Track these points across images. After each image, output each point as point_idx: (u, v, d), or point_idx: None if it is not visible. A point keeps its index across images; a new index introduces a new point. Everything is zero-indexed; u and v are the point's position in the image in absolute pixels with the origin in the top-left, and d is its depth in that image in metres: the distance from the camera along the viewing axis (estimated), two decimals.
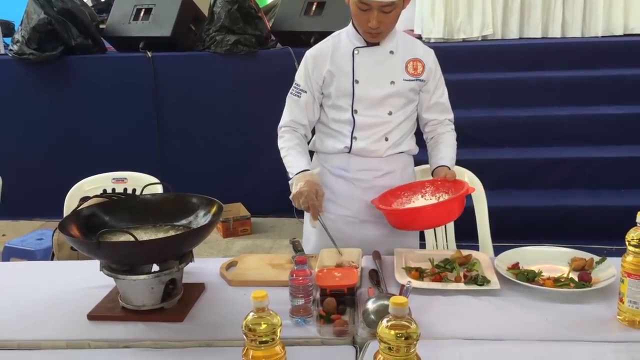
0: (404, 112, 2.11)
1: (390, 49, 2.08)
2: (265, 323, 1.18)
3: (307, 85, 2.10)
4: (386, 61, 2.08)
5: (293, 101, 2.13)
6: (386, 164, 2.13)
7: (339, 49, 2.09)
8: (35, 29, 4.48)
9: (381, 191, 2.10)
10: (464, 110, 4.34)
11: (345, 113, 2.09)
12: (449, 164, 2.10)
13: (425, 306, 1.62)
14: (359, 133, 2.09)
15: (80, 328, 1.61)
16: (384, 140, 2.10)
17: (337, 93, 2.08)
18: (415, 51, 2.12)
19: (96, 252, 1.58)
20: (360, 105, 2.07)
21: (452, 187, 2.02)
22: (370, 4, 1.92)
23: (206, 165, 4.64)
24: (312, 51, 2.13)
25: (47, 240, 3.58)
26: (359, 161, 2.11)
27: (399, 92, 2.08)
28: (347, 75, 2.06)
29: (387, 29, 2.01)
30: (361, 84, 2.06)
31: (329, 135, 2.15)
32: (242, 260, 2.00)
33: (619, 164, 4.02)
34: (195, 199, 1.83)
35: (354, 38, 2.08)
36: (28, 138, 4.73)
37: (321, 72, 2.08)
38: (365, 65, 2.06)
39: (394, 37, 2.09)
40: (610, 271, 1.73)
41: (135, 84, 4.57)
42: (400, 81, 2.07)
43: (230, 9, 4.48)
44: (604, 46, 4.76)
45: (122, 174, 2.65)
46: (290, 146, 2.10)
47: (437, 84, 2.15)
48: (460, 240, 2.48)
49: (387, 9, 1.93)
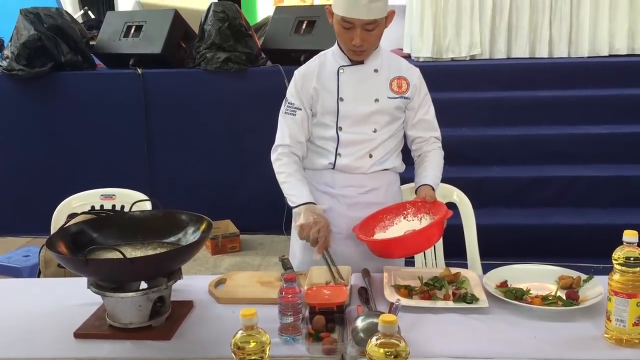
0: (389, 129, 2.13)
1: (375, 67, 2.11)
2: (254, 341, 1.18)
3: (300, 103, 2.12)
4: (370, 79, 2.11)
5: (290, 119, 2.13)
6: (370, 180, 2.15)
7: (325, 67, 2.12)
8: (25, 45, 4.48)
9: (366, 207, 2.11)
10: (453, 128, 4.38)
11: (330, 130, 2.11)
12: (432, 182, 2.12)
13: (414, 324, 1.62)
14: (343, 150, 2.11)
15: (66, 346, 1.60)
16: (368, 157, 2.12)
17: (322, 110, 2.11)
18: (400, 69, 2.15)
19: (84, 270, 1.57)
20: (345, 122, 2.09)
21: (432, 208, 2.03)
22: (353, 22, 1.95)
23: (195, 182, 4.63)
24: (301, 70, 2.17)
25: (33, 257, 3.55)
26: (343, 177, 2.13)
27: (383, 109, 2.10)
28: (331, 93, 2.09)
29: (371, 46, 2.05)
30: (346, 101, 2.09)
31: (315, 152, 2.17)
32: (231, 277, 1.99)
33: (606, 182, 4.05)
34: (184, 216, 1.82)
35: (338, 57, 2.11)
36: (16, 154, 4.70)
37: (308, 90, 2.11)
38: (350, 84, 2.09)
39: (379, 56, 2.12)
40: (598, 289, 1.74)
41: (125, 100, 4.57)
42: (384, 99, 2.10)
43: (221, 26, 4.50)
44: (590, 66, 4.83)
45: (110, 190, 2.64)
46: (290, 172, 2.10)
47: (421, 102, 2.17)
48: (449, 258, 2.49)
49: (370, 26, 1.97)
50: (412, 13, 5.16)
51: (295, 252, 2.22)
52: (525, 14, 5.05)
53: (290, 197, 2.07)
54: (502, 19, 5.08)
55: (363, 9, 1.93)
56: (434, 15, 5.02)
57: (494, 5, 5.06)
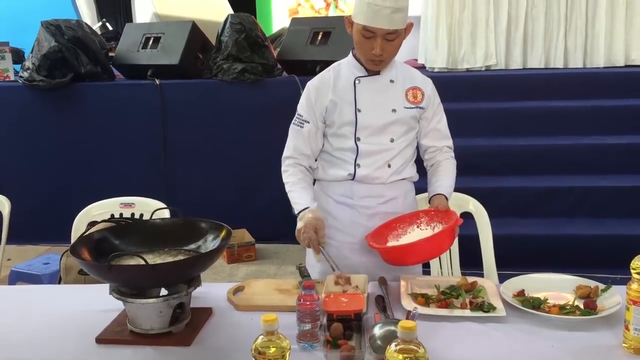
0: (406, 139, 2.15)
1: (391, 78, 2.13)
2: (274, 346, 1.20)
3: (309, 116, 2.13)
4: (387, 90, 2.12)
5: (296, 132, 2.16)
6: (389, 190, 2.16)
7: (340, 78, 2.14)
8: (45, 56, 4.56)
9: (385, 217, 2.12)
10: (468, 139, 4.39)
11: (348, 141, 2.12)
12: (445, 192, 2.13)
13: (431, 332, 1.62)
14: (362, 160, 2.12)
15: (88, 351, 1.62)
16: (387, 166, 2.13)
17: (340, 122, 2.12)
18: (414, 80, 2.17)
19: (107, 276, 1.60)
20: (363, 133, 2.11)
21: (444, 217, 2.04)
22: (375, 31, 1.97)
23: (211, 191, 4.67)
24: (314, 82, 2.17)
25: (53, 264, 3.59)
26: (362, 188, 2.14)
27: (400, 119, 2.12)
28: (349, 104, 2.10)
29: (390, 56, 2.07)
30: (363, 112, 2.10)
31: (332, 164, 2.17)
32: (249, 285, 2.01)
33: (623, 192, 4.04)
34: (204, 224, 1.85)
35: (354, 68, 2.13)
36: (36, 163, 4.78)
37: (324, 102, 2.12)
38: (367, 94, 2.11)
39: (393, 67, 2.15)
40: (616, 299, 1.74)
41: (143, 111, 4.63)
42: (401, 109, 2.11)
43: (238, 37, 4.56)
44: (606, 77, 4.82)
45: (129, 199, 2.68)
46: (294, 181, 2.12)
47: (435, 111, 2.19)
48: (465, 267, 2.49)
49: (391, 36, 1.99)
50: (427, 24, 5.19)
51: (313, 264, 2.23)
52: (540, 25, 5.06)
53: (294, 206, 2.09)
54: (517, 30, 5.10)
55: (386, 19, 1.94)
56: (449, 26, 5.04)
57: (509, 16, 5.07)
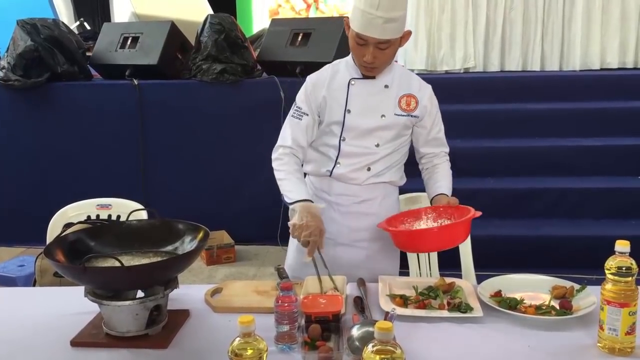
0: (392, 145, 2.15)
1: (386, 83, 2.12)
2: (251, 348, 1.19)
3: (308, 108, 2.13)
4: (379, 94, 2.12)
5: (294, 123, 2.14)
6: (365, 191, 2.16)
7: (337, 77, 2.14)
8: (21, 55, 4.50)
9: (360, 217, 2.15)
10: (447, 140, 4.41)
11: (334, 139, 2.13)
12: (447, 192, 2.14)
13: (409, 333, 1.63)
14: (343, 160, 2.13)
15: (63, 355, 1.60)
16: (366, 170, 2.14)
17: (329, 120, 2.12)
18: (410, 87, 2.15)
19: (82, 278, 1.58)
20: (349, 134, 2.11)
21: (455, 212, 2.05)
22: (367, 39, 1.97)
23: (190, 192, 4.64)
24: (313, 77, 2.18)
25: (28, 266, 3.54)
26: (339, 186, 2.16)
27: (388, 125, 2.11)
28: (339, 104, 2.11)
29: (383, 64, 2.06)
30: (352, 114, 2.10)
31: (316, 159, 2.19)
32: (227, 286, 2.00)
33: (598, 194, 4.09)
34: (181, 225, 1.83)
35: (351, 69, 2.13)
36: (11, 164, 4.70)
37: (318, 98, 2.13)
38: (359, 97, 2.11)
39: (391, 72, 2.13)
40: (591, 299, 1.76)
41: (121, 111, 4.58)
42: (391, 115, 2.11)
43: (217, 38, 4.53)
44: (582, 80, 4.89)
45: (106, 200, 2.65)
46: (290, 171, 2.10)
47: (434, 121, 2.20)
48: (443, 268, 2.50)
49: (383, 45, 1.98)
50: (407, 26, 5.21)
51: (290, 262, 2.24)
52: (518, 28, 5.12)
53: (287, 194, 2.05)
54: (495, 33, 5.15)
55: (378, 29, 1.94)
56: (429, 28, 5.08)
57: (488, 19, 5.13)
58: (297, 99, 2.17)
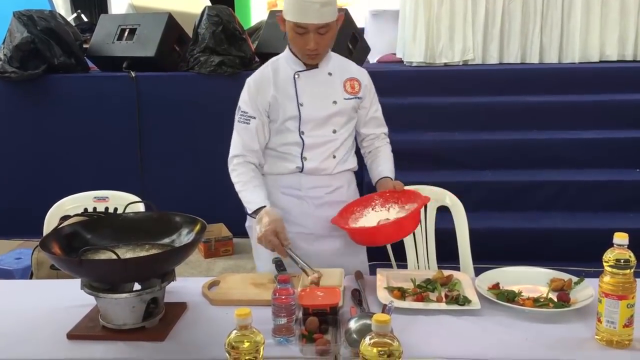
0: (347, 129, 2.20)
1: (329, 71, 2.17)
2: (248, 341, 1.19)
3: (254, 111, 2.14)
4: (326, 82, 2.16)
5: (242, 128, 2.16)
6: (335, 180, 2.21)
7: (279, 74, 2.15)
8: (18, 47, 4.47)
9: (333, 206, 2.17)
10: (445, 133, 4.41)
11: (293, 135, 2.14)
12: (390, 175, 2.20)
13: (407, 326, 1.63)
14: (308, 153, 2.15)
15: (60, 347, 1.59)
16: (332, 157, 2.17)
17: (284, 117, 2.13)
18: (351, 71, 2.22)
19: (78, 270, 1.57)
20: (307, 126, 2.13)
21: (401, 196, 2.10)
22: (307, 27, 2.00)
23: (188, 185, 4.63)
24: (254, 77, 2.19)
25: (25, 259, 3.53)
26: (310, 179, 2.17)
27: (341, 110, 2.16)
28: (291, 99, 2.12)
29: (325, 49, 2.10)
30: (306, 106, 2.12)
31: (279, 158, 2.19)
32: (225, 279, 2.00)
33: (597, 187, 4.09)
34: (178, 218, 1.83)
35: (292, 63, 2.15)
36: (8, 156, 4.68)
37: (266, 98, 2.13)
38: (308, 88, 2.14)
39: (330, 60, 2.18)
40: (588, 291, 1.76)
41: (119, 103, 4.56)
42: (341, 100, 2.16)
43: (215, 30, 4.51)
44: (581, 72, 4.87)
45: (103, 192, 2.64)
46: (245, 181, 2.13)
47: (372, 100, 2.26)
48: (442, 261, 2.50)
49: (323, 30, 2.01)
50: (405, 18, 5.19)
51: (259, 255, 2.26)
52: (517, 20, 5.10)
53: (247, 205, 2.10)
54: (494, 25, 5.13)
55: (315, 14, 1.97)
56: (428, 21, 5.05)
57: (487, 12, 5.10)
58: (241, 102, 2.18)
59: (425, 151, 4.23)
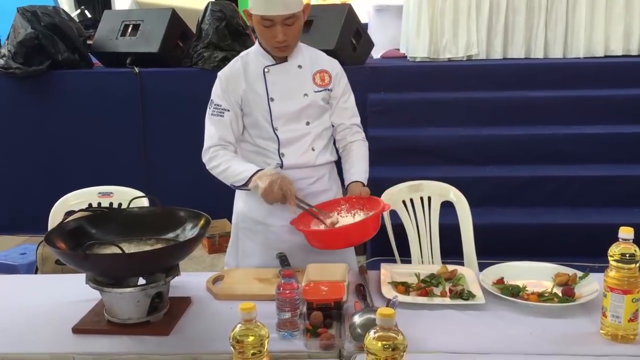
0: (321, 121, 2.17)
1: (298, 64, 2.14)
2: (252, 335, 1.19)
3: (228, 104, 2.13)
4: (296, 75, 2.14)
5: (217, 121, 2.15)
6: (316, 171, 2.18)
7: (249, 68, 2.14)
8: (22, 43, 4.48)
9: (317, 196, 2.15)
10: (449, 128, 4.40)
11: (267, 130, 2.12)
12: (360, 178, 2.15)
13: (411, 320, 1.63)
14: (286, 149, 2.12)
15: (65, 342, 1.60)
16: (311, 150, 2.15)
17: (256, 112, 2.12)
18: (321, 63, 2.19)
19: (83, 265, 1.58)
20: (279, 121, 2.11)
21: (366, 203, 2.06)
22: (273, 19, 1.99)
23: (192, 181, 4.60)
24: (225, 71, 2.17)
25: (30, 254, 3.54)
26: (291, 173, 2.11)
27: (312, 103, 2.14)
28: (261, 95, 2.11)
29: (293, 41, 2.08)
30: (276, 101, 2.11)
31: (257, 153, 2.16)
32: (229, 274, 2.00)
33: (601, 182, 4.07)
34: (182, 212, 1.83)
35: (262, 57, 2.13)
36: (12, 152, 4.70)
37: (238, 92, 2.12)
38: (278, 82, 2.12)
39: (300, 52, 2.16)
40: (593, 286, 1.76)
41: (122, 99, 4.57)
42: (311, 93, 2.14)
43: (218, 25, 4.51)
44: (585, 67, 4.85)
45: (108, 188, 2.65)
46: (229, 159, 2.10)
47: (343, 90, 2.21)
48: (446, 257, 2.50)
49: (289, 21, 2.00)
50: (409, 13, 5.18)
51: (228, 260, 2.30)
52: (521, 15, 5.08)
53: (238, 177, 2.04)
54: (498, 20, 5.11)
55: (279, 5, 1.97)
56: (431, 16, 5.03)
57: (491, 6, 5.08)
58: (214, 96, 2.17)
59: (429, 146, 4.22)
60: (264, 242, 2.17)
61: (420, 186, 2.55)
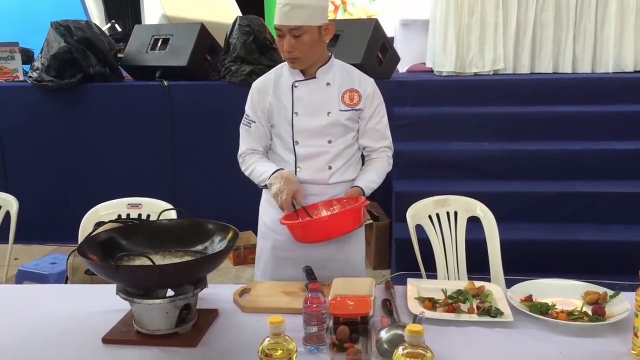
0: (344, 140, 2.17)
1: (327, 81, 2.15)
2: (281, 348, 1.20)
3: (255, 116, 2.18)
4: (323, 93, 2.15)
5: (245, 131, 2.23)
6: (331, 189, 2.18)
7: (281, 82, 2.17)
8: (55, 56, 4.58)
9: None
10: (476, 143, 4.38)
11: (289, 143, 2.16)
12: (362, 184, 2.15)
13: (438, 337, 1.62)
14: (302, 163, 2.15)
15: (94, 351, 1.63)
16: (328, 168, 2.16)
17: (280, 125, 2.16)
18: (352, 82, 2.18)
19: (114, 276, 1.60)
20: (300, 136, 2.14)
21: (354, 203, 2.08)
22: (281, 29, 2.03)
23: (218, 193, 4.67)
24: (257, 83, 2.22)
25: (60, 264, 3.60)
26: (306, 187, 2.15)
27: (335, 122, 2.14)
28: (287, 108, 2.14)
29: (303, 54, 2.07)
30: (300, 116, 2.13)
31: (280, 162, 2.20)
32: (255, 287, 2.01)
33: (630, 198, 4.00)
34: (211, 225, 1.85)
35: (294, 72, 2.16)
36: (44, 163, 4.79)
37: (265, 104, 2.16)
38: (303, 98, 2.14)
39: (331, 69, 2.16)
40: (624, 305, 1.73)
41: (151, 112, 4.64)
42: (336, 111, 2.14)
43: (246, 40, 4.57)
44: (615, 82, 4.79)
45: (137, 199, 2.68)
46: (255, 160, 2.19)
47: (374, 111, 2.20)
48: (472, 272, 2.48)
49: (296, 32, 2.02)
50: (436, 28, 5.18)
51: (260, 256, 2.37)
52: (549, 30, 5.05)
53: (261, 177, 2.13)
54: (526, 35, 5.09)
55: (285, 16, 2.01)
56: (458, 30, 5.03)
57: (518, 21, 5.06)
58: (246, 106, 2.23)
59: (455, 161, 4.21)
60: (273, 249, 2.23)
61: (446, 201, 2.54)
